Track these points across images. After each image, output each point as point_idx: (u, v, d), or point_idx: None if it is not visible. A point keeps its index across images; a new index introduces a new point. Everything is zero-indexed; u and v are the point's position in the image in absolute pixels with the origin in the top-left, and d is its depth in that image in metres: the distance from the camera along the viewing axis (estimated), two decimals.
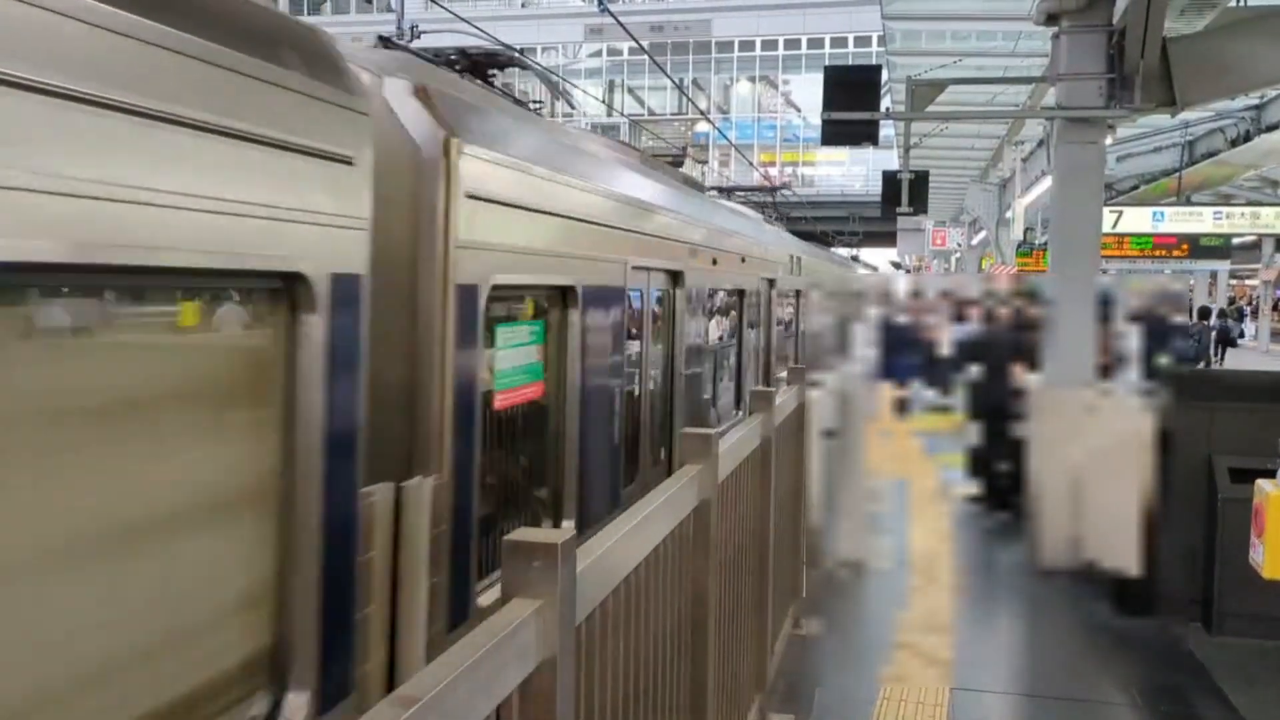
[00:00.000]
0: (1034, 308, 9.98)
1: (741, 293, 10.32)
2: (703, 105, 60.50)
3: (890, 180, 14.19)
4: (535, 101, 9.67)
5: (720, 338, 9.81)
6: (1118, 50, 8.35)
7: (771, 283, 12.13)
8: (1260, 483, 4.73)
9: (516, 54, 7.71)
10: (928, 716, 5.23)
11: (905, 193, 13.69)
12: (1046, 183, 15.20)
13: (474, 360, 3.91)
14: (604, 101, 57.39)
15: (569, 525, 5.07)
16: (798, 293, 14.87)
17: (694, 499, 3.27)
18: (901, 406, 13.83)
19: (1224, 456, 6.57)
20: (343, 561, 3.02)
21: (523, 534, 1.93)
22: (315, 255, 2.83)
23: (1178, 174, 18.80)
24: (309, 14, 50.75)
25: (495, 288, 4.07)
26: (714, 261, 8.66)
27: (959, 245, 37.82)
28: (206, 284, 2.56)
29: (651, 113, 62.99)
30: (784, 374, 6.51)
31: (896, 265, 61.78)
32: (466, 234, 3.80)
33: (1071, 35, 8.61)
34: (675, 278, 7.55)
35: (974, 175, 27.71)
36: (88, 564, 2.21)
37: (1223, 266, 22.34)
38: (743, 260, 10.02)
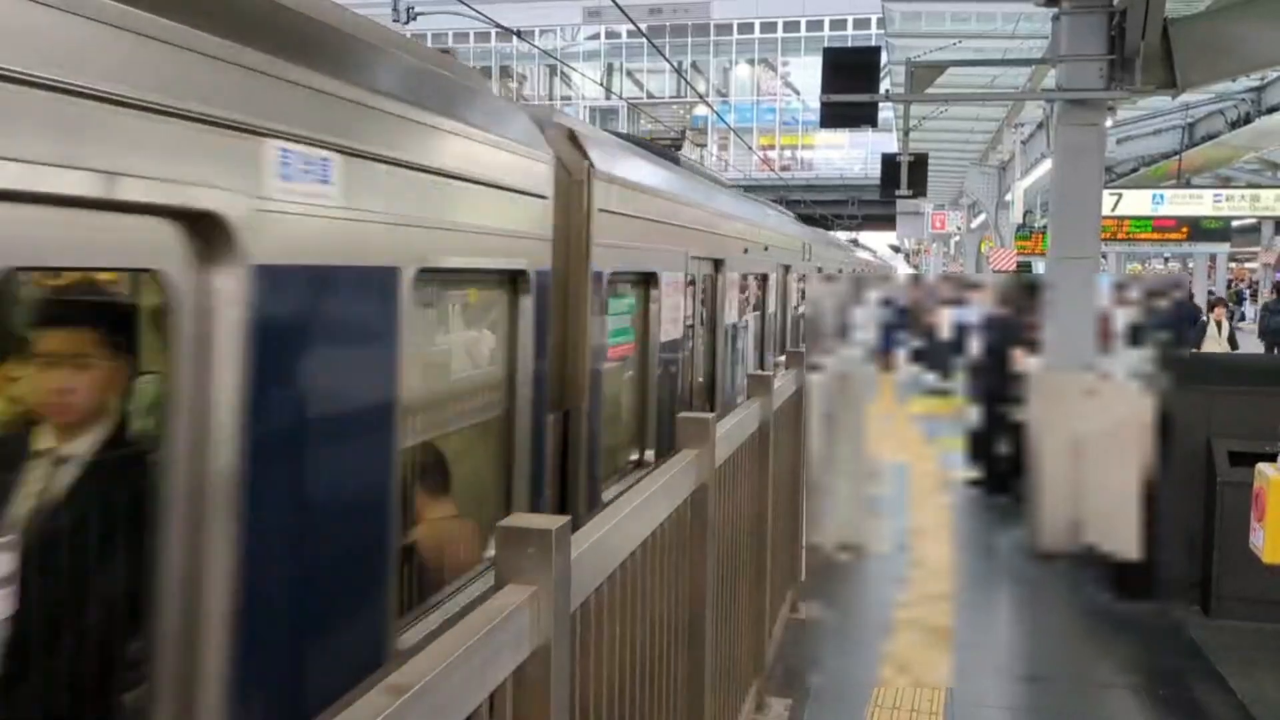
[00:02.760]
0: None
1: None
2: (701, 88, 60.29)
3: (889, 163, 14.14)
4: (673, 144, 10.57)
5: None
6: (1118, 32, 8.31)
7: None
8: (1261, 467, 4.71)
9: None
10: (926, 700, 5.23)
11: (904, 175, 13.65)
12: (1046, 165, 15.15)
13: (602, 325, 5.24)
14: (602, 85, 57.22)
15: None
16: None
17: (691, 483, 3.26)
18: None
19: (1223, 440, 6.56)
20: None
21: (517, 519, 1.92)
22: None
23: (1178, 156, 18.73)
24: None
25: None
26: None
27: (958, 228, 37.76)
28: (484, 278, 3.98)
29: (650, 96, 62.79)
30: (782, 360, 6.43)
31: (895, 249, 61.73)
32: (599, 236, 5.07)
33: (1072, 16, 8.56)
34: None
35: (973, 158, 27.63)
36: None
37: (1222, 249, 22.27)
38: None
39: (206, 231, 2.30)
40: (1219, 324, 17.92)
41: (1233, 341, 17.96)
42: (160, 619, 2.25)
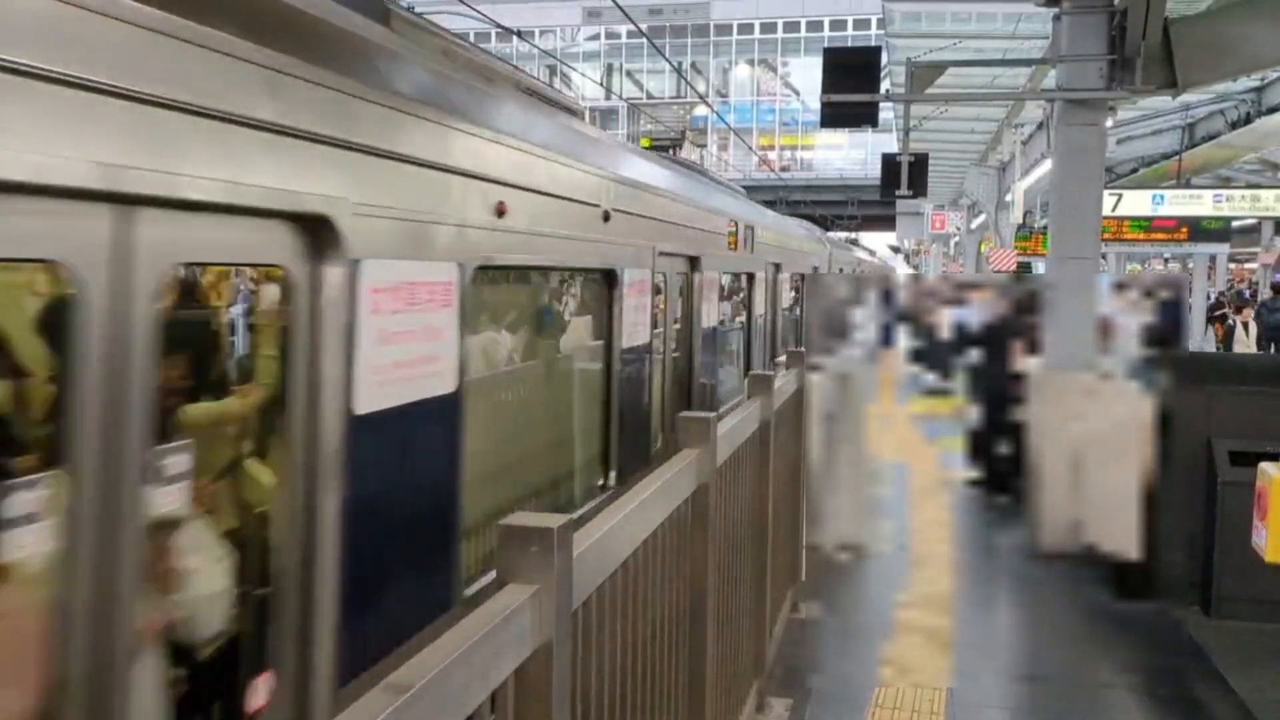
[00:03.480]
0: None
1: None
2: (701, 89, 60.27)
3: (890, 163, 14.10)
4: None
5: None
6: (1119, 31, 8.31)
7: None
8: (1264, 466, 4.70)
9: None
10: (927, 699, 5.23)
11: (904, 176, 13.60)
12: (1046, 166, 15.15)
13: None
14: (602, 85, 57.20)
15: None
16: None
17: (692, 482, 3.25)
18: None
19: (1224, 440, 6.55)
20: None
21: (519, 518, 1.91)
22: None
23: (1178, 157, 18.72)
24: None
25: None
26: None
27: (958, 229, 37.74)
28: None
29: (650, 96, 62.77)
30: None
31: (895, 249, 61.71)
32: None
33: (1072, 16, 8.56)
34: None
35: (973, 159, 27.63)
36: None
37: (1222, 250, 22.25)
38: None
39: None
40: (1245, 325, 17.34)
41: (1260, 343, 17.34)
42: None
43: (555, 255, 4.96)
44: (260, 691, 2.78)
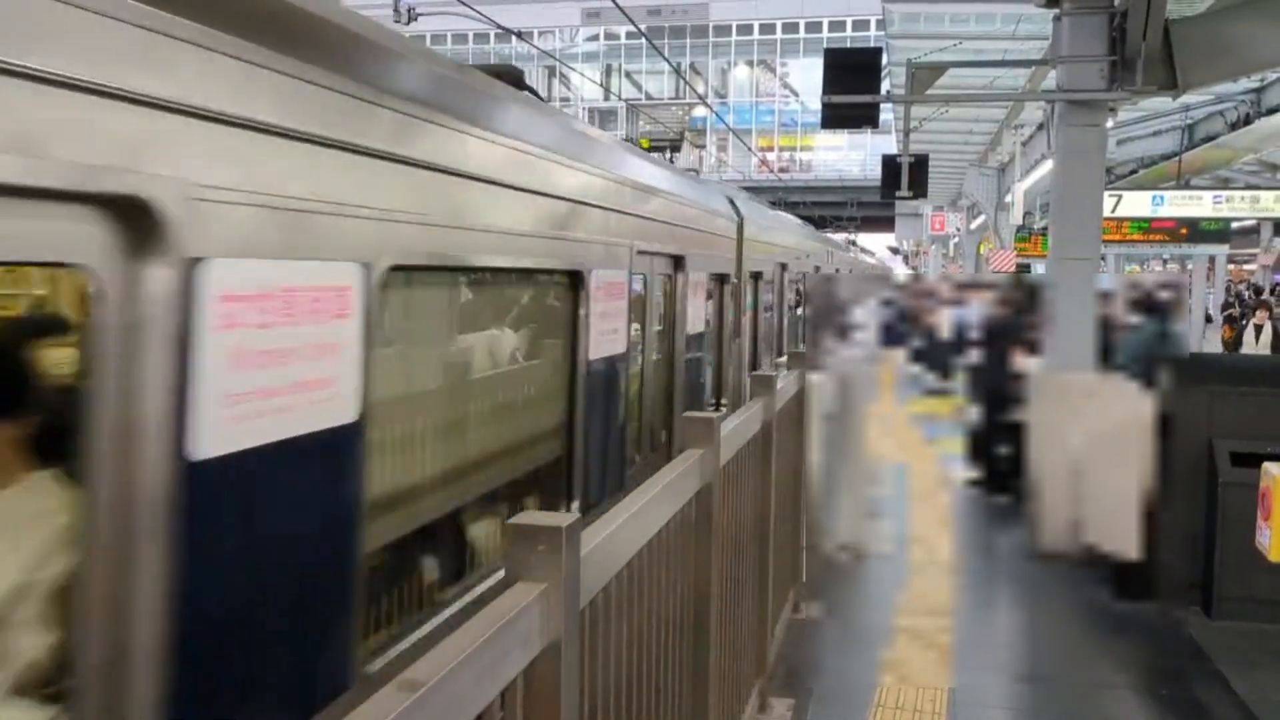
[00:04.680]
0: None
1: None
2: (700, 90, 60.30)
3: (890, 164, 14.13)
4: None
5: None
6: (1119, 32, 8.32)
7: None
8: (1268, 466, 4.71)
9: None
10: (928, 700, 5.23)
11: (905, 177, 13.63)
12: (1046, 167, 15.16)
13: None
14: (601, 85, 57.21)
15: None
16: None
17: (696, 483, 3.26)
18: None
19: (1225, 440, 6.56)
20: None
21: (527, 517, 1.91)
22: None
23: (1177, 158, 18.73)
24: None
25: None
26: None
27: (957, 230, 37.76)
28: None
29: (649, 97, 62.79)
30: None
31: (895, 250, 61.75)
32: None
33: (1073, 17, 8.57)
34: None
35: (973, 160, 27.64)
36: None
37: (1221, 251, 22.24)
38: None
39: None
40: (1258, 328, 16.54)
41: (1276, 348, 16.44)
42: None
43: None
44: None
